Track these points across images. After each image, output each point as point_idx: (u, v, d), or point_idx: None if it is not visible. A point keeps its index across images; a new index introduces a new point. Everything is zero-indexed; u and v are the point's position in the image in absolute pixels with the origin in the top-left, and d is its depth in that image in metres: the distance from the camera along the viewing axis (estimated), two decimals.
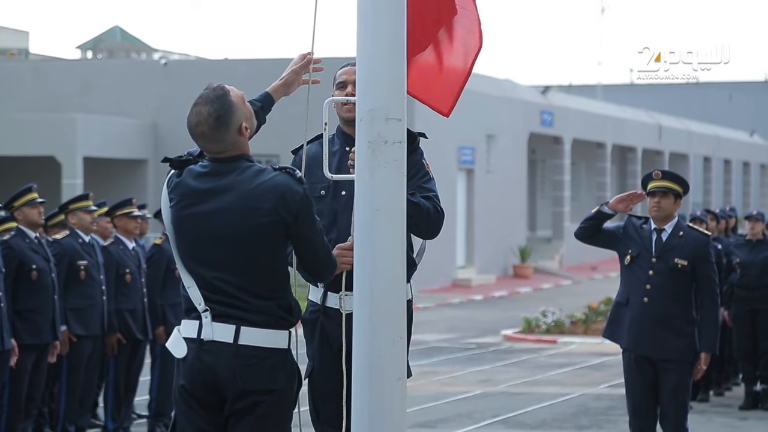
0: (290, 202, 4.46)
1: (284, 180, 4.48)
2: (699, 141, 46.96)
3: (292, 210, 4.47)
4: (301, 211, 4.49)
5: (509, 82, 34.13)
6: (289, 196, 4.46)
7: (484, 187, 30.65)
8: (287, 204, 4.46)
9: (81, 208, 10.04)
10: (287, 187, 4.47)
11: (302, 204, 4.50)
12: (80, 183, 25.56)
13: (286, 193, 4.46)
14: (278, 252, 4.51)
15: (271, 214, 4.44)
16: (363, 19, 4.44)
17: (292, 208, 4.47)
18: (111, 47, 36.41)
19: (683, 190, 8.04)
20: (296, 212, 4.48)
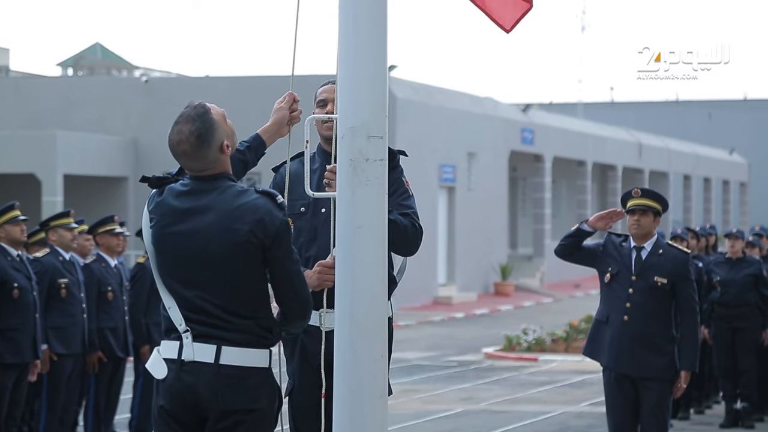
0: (269, 225, 4.44)
1: (265, 203, 4.47)
2: (679, 159, 47.15)
3: (270, 234, 4.44)
4: (279, 236, 4.46)
5: (490, 100, 34.22)
6: (268, 220, 4.44)
7: (465, 205, 30.69)
8: (266, 227, 4.44)
9: (62, 226, 10.01)
10: (267, 211, 4.46)
11: (281, 229, 4.47)
12: (60, 200, 25.49)
13: (266, 217, 4.44)
14: (258, 272, 4.50)
15: (248, 236, 4.43)
16: (344, 36, 4.45)
17: (270, 231, 4.44)
18: (92, 64, 36.38)
19: (663, 208, 8.07)
20: (274, 236, 4.45)
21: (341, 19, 4.46)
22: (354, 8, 4.43)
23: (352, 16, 4.43)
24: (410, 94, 28.16)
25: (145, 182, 4.62)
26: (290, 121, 5.24)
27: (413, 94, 28.41)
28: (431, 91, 29.91)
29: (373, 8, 4.43)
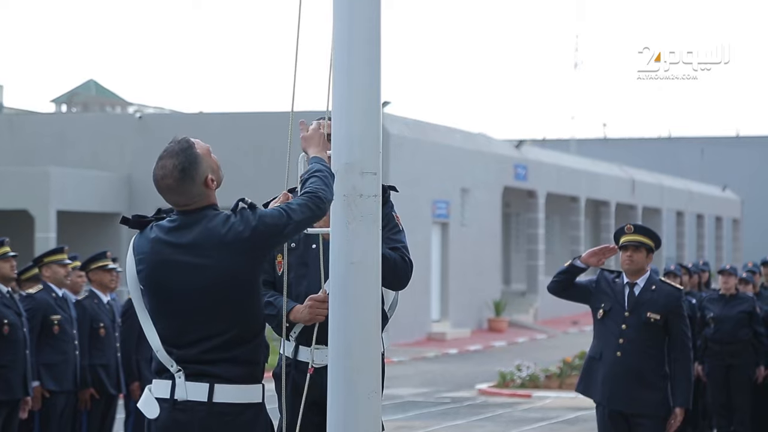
0: (258, 233, 4.45)
1: (246, 220, 4.46)
2: (671, 195, 47.25)
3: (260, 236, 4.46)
4: (268, 231, 4.46)
5: (483, 136, 34.30)
6: (258, 231, 4.44)
7: (458, 241, 30.69)
8: (258, 240, 4.45)
9: (55, 262, 9.99)
10: (252, 224, 4.45)
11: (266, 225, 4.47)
12: (53, 236, 25.46)
13: (256, 230, 4.44)
14: (252, 302, 4.50)
15: (248, 264, 4.44)
16: (338, 73, 4.47)
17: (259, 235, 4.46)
18: (86, 101, 36.46)
19: (655, 244, 8.09)
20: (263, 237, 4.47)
21: (336, 56, 4.48)
22: (348, 45, 4.45)
23: (346, 54, 4.46)
24: (404, 131, 28.22)
25: (126, 224, 4.62)
26: None
27: (407, 130, 28.47)
28: (425, 127, 29.98)
29: (367, 45, 4.46)
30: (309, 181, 4.61)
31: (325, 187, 4.55)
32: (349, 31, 4.45)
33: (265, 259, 4.61)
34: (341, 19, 4.46)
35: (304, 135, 4.91)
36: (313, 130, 4.91)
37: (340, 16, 4.47)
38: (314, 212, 4.52)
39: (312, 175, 4.62)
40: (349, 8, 4.45)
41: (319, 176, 4.60)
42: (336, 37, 4.48)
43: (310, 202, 4.50)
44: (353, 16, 4.44)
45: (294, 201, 4.54)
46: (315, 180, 4.58)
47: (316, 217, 4.54)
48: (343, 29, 4.46)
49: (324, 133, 4.88)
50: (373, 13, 4.46)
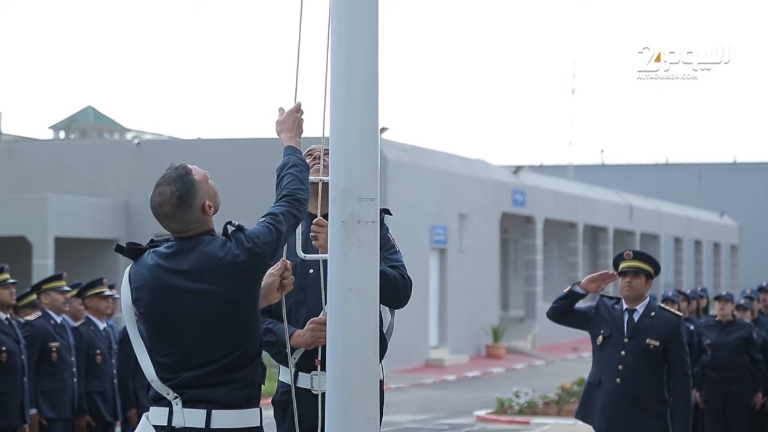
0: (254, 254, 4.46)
1: (239, 243, 4.46)
2: (669, 222, 47.27)
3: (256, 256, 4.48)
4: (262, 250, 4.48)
5: (481, 162, 34.34)
6: (254, 252, 4.46)
7: (456, 267, 30.68)
8: (254, 260, 4.46)
9: (54, 288, 9.98)
10: (246, 246, 4.46)
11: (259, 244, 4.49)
12: (51, 263, 25.43)
13: (251, 251, 4.45)
14: (251, 325, 4.50)
15: (247, 287, 4.44)
16: (336, 99, 4.48)
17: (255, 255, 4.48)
18: (84, 127, 36.50)
19: (654, 271, 8.08)
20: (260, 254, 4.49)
21: (333, 82, 4.49)
22: (346, 71, 4.46)
23: (344, 79, 4.46)
24: (401, 156, 28.25)
25: (120, 252, 4.61)
26: (281, 288, 4.90)
27: (404, 156, 28.50)
28: (422, 153, 30.01)
29: (365, 71, 4.46)
30: (285, 179, 4.66)
31: (302, 185, 4.64)
32: (346, 57, 4.46)
33: (262, 279, 4.61)
34: (339, 46, 4.47)
35: (278, 119, 4.94)
36: (287, 113, 4.93)
37: (338, 43, 4.48)
38: (297, 218, 4.63)
39: (287, 171, 4.67)
40: (346, 35, 4.46)
41: (294, 173, 4.66)
42: (333, 63, 4.49)
43: (292, 208, 4.59)
44: (351, 42, 4.45)
45: (277, 209, 4.58)
46: (292, 178, 4.65)
47: (299, 221, 4.67)
48: (340, 55, 4.47)
49: (299, 117, 4.92)
50: (371, 39, 4.47)
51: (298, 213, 4.61)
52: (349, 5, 4.46)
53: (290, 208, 4.59)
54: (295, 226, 4.63)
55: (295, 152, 4.80)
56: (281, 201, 4.63)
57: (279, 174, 4.74)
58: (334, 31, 4.50)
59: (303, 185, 4.67)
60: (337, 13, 4.48)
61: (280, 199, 4.64)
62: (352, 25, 4.46)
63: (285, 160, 4.77)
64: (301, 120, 4.94)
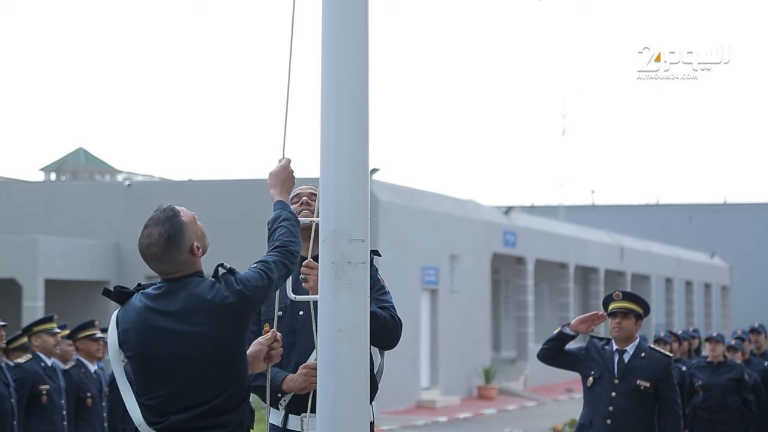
0: (243, 298, 4.46)
1: (229, 285, 4.47)
2: (660, 262, 47.30)
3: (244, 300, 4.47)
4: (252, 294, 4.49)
5: (472, 203, 34.38)
6: (243, 295, 4.46)
7: (447, 308, 30.64)
8: (243, 304, 4.45)
9: (45, 331, 9.95)
10: (236, 289, 4.46)
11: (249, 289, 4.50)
12: (41, 305, 25.35)
13: (240, 294, 4.46)
14: (239, 368, 4.49)
15: (235, 329, 4.44)
16: (326, 140, 4.49)
17: (244, 299, 4.47)
18: (75, 169, 36.53)
19: (644, 311, 8.09)
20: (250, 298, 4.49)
21: (323, 123, 4.50)
22: (336, 112, 4.48)
23: (334, 120, 4.48)
24: (392, 197, 28.29)
25: (107, 296, 4.62)
26: (267, 358, 4.86)
27: (395, 196, 28.54)
28: (413, 193, 30.05)
29: (355, 112, 4.48)
30: (278, 231, 4.68)
31: (294, 238, 4.66)
32: (337, 98, 4.48)
33: (250, 323, 4.61)
34: (329, 86, 4.49)
35: (272, 171, 4.96)
36: (281, 167, 4.96)
37: (328, 84, 4.50)
38: (288, 269, 4.64)
39: (279, 224, 4.70)
40: (336, 75, 4.48)
41: (287, 226, 4.69)
42: (324, 104, 4.51)
43: (284, 259, 4.60)
44: (341, 83, 4.48)
45: (269, 258, 4.59)
46: (284, 231, 4.67)
47: (290, 273, 4.68)
48: (331, 97, 4.49)
49: (292, 172, 4.97)
50: (361, 79, 4.50)
51: (290, 264, 4.63)
52: (339, 47, 4.49)
53: (282, 259, 4.61)
54: (285, 277, 4.65)
55: (285, 207, 4.85)
56: (274, 251, 4.64)
57: (271, 227, 4.77)
58: (324, 72, 4.52)
59: (295, 238, 4.69)
60: (327, 56, 4.51)
61: (272, 249, 4.66)
62: (342, 67, 4.48)
63: (277, 214, 4.79)
64: (293, 176, 4.98)
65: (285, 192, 4.93)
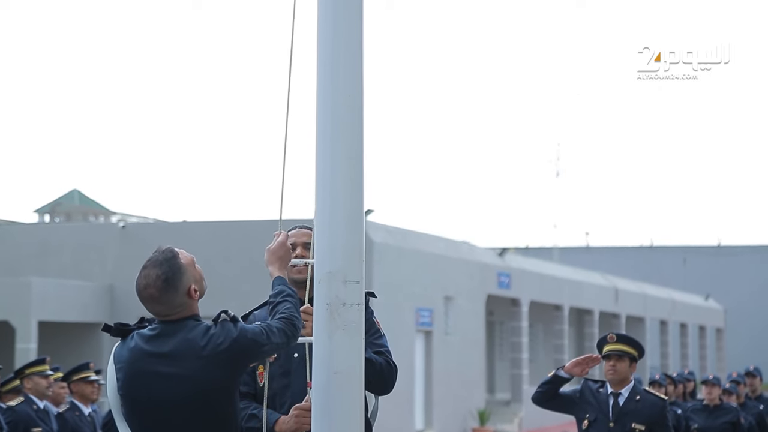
0: (237, 347, 4.45)
1: (226, 332, 4.46)
2: (654, 304, 47.26)
3: (240, 351, 4.45)
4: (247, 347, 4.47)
5: (466, 244, 34.38)
6: (237, 345, 4.44)
7: (442, 349, 30.58)
8: (236, 353, 4.44)
9: (37, 373, 9.92)
10: (232, 337, 4.45)
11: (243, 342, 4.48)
12: (34, 347, 25.26)
13: (235, 343, 4.44)
14: (229, 413, 4.47)
15: (225, 376, 4.42)
16: (321, 182, 4.50)
17: (238, 349, 4.46)
18: (69, 210, 36.53)
19: (638, 354, 8.08)
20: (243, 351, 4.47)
21: (318, 165, 4.51)
22: (331, 154, 4.49)
23: (329, 162, 4.49)
24: (387, 238, 28.29)
25: (107, 332, 4.61)
26: None
27: (390, 237, 28.54)
28: (408, 235, 30.06)
29: (350, 154, 4.49)
30: (282, 305, 4.65)
31: (297, 314, 4.65)
32: (332, 140, 4.49)
33: (243, 372, 4.59)
34: (324, 128, 4.51)
35: (270, 247, 4.94)
36: (279, 244, 4.94)
37: (323, 125, 4.51)
38: (289, 339, 4.60)
39: (284, 299, 4.67)
40: (332, 117, 4.50)
41: (291, 302, 4.68)
42: (319, 146, 4.52)
43: (287, 329, 4.57)
44: (336, 124, 4.49)
45: (273, 323, 4.56)
46: (290, 306, 4.65)
47: (289, 344, 4.64)
48: (326, 138, 4.50)
49: (289, 246, 4.95)
50: (356, 121, 4.51)
51: (292, 336, 4.60)
52: (334, 90, 4.50)
53: (285, 328, 4.58)
54: (284, 346, 4.60)
55: (286, 284, 4.82)
56: (278, 320, 4.60)
57: (273, 301, 4.72)
58: (319, 114, 4.53)
59: (299, 314, 4.67)
60: (323, 98, 4.52)
61: (277, 318, 4.62)
62: (338, 109, 4.50)
63: (279, 289, 4.75)
64: (290, 251, 4.97)
65: (283, 268, 4.90)
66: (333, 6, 4.52)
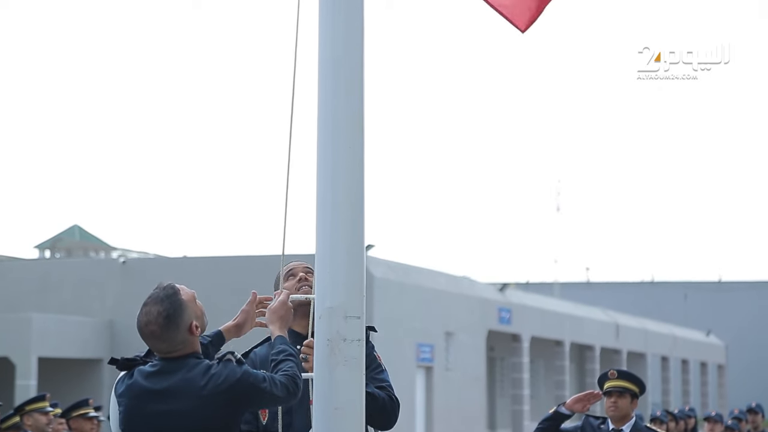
0: (238, 389, 4.42)
1: (228, 372, 4.46)
2: (655, 340, 47.16)
3: (242, 392, 4.44)
4: (248, 390, 4.45)
5: (467, 280, 34.35)
6: (238, 387, 4.43)
7: (443, 385, 30.50)
8: (236, 395, 4.41)
9: (37, 410, 9.88)
10: (234, 378, 4.44)
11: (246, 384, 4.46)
12: (34, 384, 25.19)
13: (236, 385, 4.43)
14: None
15: (223, 416, 4.40)
16: (322, 216, 4.50)
17: (238, 391, 4.44)
18: (69, 246, 36.54)
19: (640, 390, 8.06)
20: (245, 393, 4.44)
21: (318, 201, 4.52)
22: (332, 189, 4.49)
23: (330, 198, 4.49)
24: (387, 273, 28.27)
25: (114, 364, 4.60)
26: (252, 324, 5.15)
27: (390, 273, 28.53)
28: (408, 270, 30.04)
29: (351, 189, 4.49)
30: (285, 363, 4.62)
31: (299, 373, 4.62)
32: (332, 175, 4.49)
33: (243, 413, 4.56)
34: (325, 164, 4.51)
35: (271, 306, 4.92)
36: (280, 303, 4.93)
37: (324, 161, 4.52)
38: (290, 396, 4.57)
39: (286, 357, 4.65)
40: (332, 153, 4.50)
41: (294, 361, 4.66)
42: (320, 181, 4.52)
43: (289, 385, 4.54)
44: (337, 161, 4.49)
45: (276, 377, 4.54)
46: (292, 365, 4.63)
47: (289, 402, 4.60)
48: (327, 174, 4.51)
49: (290, 306, 4.93)
50: (357, 157, 4.52)
51: (293, 393, 4.57)
52: (334, 132, 4.51)
53: (288, 384, 4.55)
54: (282, 401, 4.57)
55: (287, 343, 4.78)
56: (281, 375, 4.58)
57: (276, 359, 4.69)
58: (320, 151, 4.54)
59: (300, 374, 4.64)
60: (323, 140, 4.53)
61: (280, 374, 4.59)
62: (337, 146, 4.51)
63: (282, 348, 4.70)
64: (291, 310, 4.96)
65: (284, 328, 4.87)
66: (333, 66, 4.53)
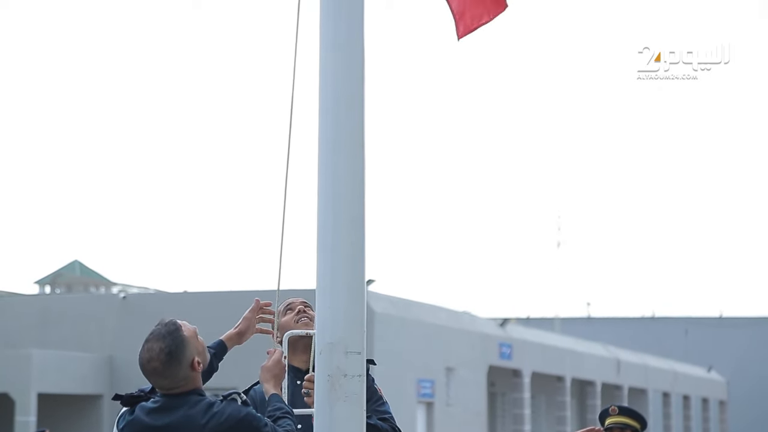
0: (239, 430, 4.41)
1: (231, 411, 4.44)
2: (657, 376, 47.03)
3: (241, 425, 4.42)
4: None
5: (468, 315, 34.30)
6: (240, 428, 4.41)
7: (443, 421, 30.39)
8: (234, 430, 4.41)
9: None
10: (236, 418, 4.42)
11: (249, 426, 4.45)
12: (33, 420, 25.12)
13: (238, 425, 4.41)
14: None
15: None
16: (322, 251, 4.50)
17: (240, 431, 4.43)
18: (69, 281, 36.52)
19: (641, 426, 8.03)
20: None
21: (319, 236, 4.51)
22: (332, 224, 4.49)
23: (330, 233, 4.49)
24: (388, 308, 28.24)
25: (118, 400, 4.59)
26: (255, 331, 5.32)
27: (391, 308, 28.49)
28: (409, 305, 30.01)
29: (351, 224, 4.50)
30: (283, 420, 4.66)
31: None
32: (333, 210, 4.50)
33: None
34: (325, 199, 4.52)
35: (265, 365, 4.93)
36: (274, 362, 4.93)
37: (324, 196, 4.52)
38: None
39: (283, 414, 4.67)
40: (332, 188, 4.50)
41: (290, 419, 4.68)
42: (320, 216, 4.52)
43: None
44: (337, 195, 4.50)
45: (279, 426, 4.54)
46: (289, 423, 4.65)
47: None
48: (327, 208, 4.51)
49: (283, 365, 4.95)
50: (357, 192, 4.52)
51: None
52: (335, 158, 4.52)
53: None
54: None
55: (282, 401, 4.80)
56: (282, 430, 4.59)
57: (273, 414, 4.69)
58: (320, 187, 4.54)
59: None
60: (324, 170, 4.54)
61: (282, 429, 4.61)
62: (338, 179, 4.51)
63: (278, 406, 4.72)
64: (285, 368, 4.96)
65: (278, 385, 4.89)
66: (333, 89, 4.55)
